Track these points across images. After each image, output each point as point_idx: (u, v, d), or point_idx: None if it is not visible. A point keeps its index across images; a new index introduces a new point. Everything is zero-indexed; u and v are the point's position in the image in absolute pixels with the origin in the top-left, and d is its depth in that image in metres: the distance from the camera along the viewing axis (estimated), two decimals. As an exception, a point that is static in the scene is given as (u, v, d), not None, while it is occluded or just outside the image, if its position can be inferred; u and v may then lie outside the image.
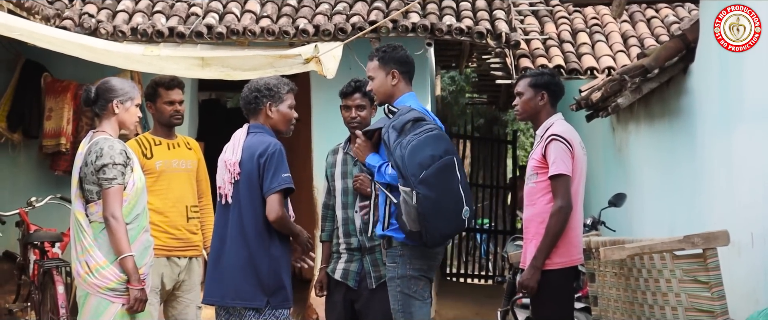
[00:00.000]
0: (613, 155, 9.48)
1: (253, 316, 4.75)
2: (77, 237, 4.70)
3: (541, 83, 5.19)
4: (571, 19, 10.97)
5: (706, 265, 4.72)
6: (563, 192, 4.93)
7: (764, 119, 5.48)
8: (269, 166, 4.72)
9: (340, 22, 8.99)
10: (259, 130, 4.89)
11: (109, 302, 4.63)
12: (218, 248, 4.90)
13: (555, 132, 5.04)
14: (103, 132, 4.75)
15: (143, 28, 8.93)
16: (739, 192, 5.89)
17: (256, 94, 4.91)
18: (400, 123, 4.81)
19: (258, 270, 4.75)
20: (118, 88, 4.80)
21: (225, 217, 4.87)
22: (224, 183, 4.84)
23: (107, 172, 4.59)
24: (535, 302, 5.19)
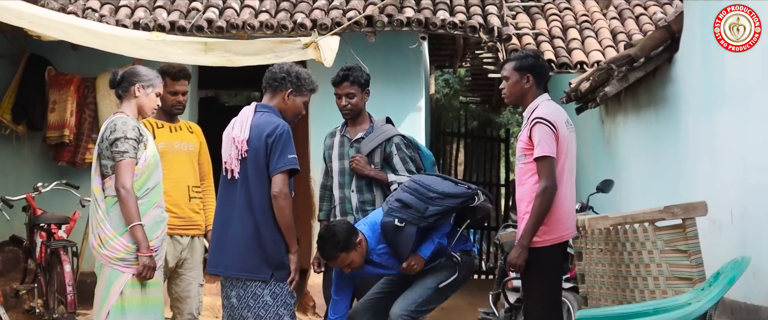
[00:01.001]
0: (603, 148, 9.74)
1: (258, 287, 4.91)
2: (93, 211, 4.99)
3: (526, 65, 5.30)
4: (562, 16, 11.24)
5: (686, 234, 4.98)
6: (548, 173, 5.05)
7: (744, 101, 5.74)
8: (277, 146, 4.88)
9: (336, 16, 9.25)
10: (267, 110, 5.04)
11: (120, 272, 4.89)
12: (223, 221, 5.05)
13: (539, 115, 5.14)
14: (123, 113, 5.02)
15: (145, 22, 9.19)
16: (720, 173, 6.13)
17: (284, 76, 5.08)
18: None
19: (264, 243, 4.91)
20: (142, 74, 5.09)
21: (230, 191, 5.03)
22: (231, 159, 4.99)
23: (119, 145, 4.84)
24: (525, 278, 5.33)
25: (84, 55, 9.25)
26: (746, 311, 5.55)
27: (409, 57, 9.89)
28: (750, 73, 5.63)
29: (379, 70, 9.53)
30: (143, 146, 4.97)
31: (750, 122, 5.61)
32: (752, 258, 5.50)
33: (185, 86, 6.01)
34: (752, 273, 5.51)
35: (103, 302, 4.90)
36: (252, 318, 4.92)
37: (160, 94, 5.15)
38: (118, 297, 4.88)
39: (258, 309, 4.92)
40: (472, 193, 5.25)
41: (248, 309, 4.92)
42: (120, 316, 4.88)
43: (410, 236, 5.10)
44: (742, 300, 5.65)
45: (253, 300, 4.92)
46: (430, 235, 5.18)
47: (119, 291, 4.88)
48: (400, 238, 5.11)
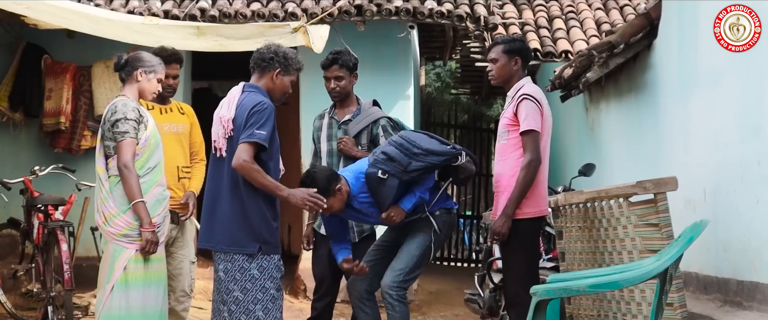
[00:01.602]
0: (586, 134, 9.96)
1: (245, 261, 5.07)
2: (98, 190, 5.22)
3: (515, 48, 5.53)
4: (548, 7, 11.47)
5: (657, 208, 5.20)
6: (533, 147, 5.27)
7: (715, 84, 5.97)
8: (251, 119, 5.01)
9: (327, 5, 9.47)
10: (254, 90, 5.19)
11: (123, 248, 5.13)
12: (213, 197, 5.22)
13: (526, 92, 5.38)
14: (124, 96, 5.27)
15: (139, 11, 9.40)
16: (693, 154, 6.36)
17: (272, 55, 5.23)
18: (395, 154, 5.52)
19: (250, 218, 5.07)
20: (145, 59, 5.34)
21: (219, 169, 5.19)
22: (219, 138, 5.14)
23: (120, 126, 5.07)
24: (505, 252, 5.55)
25: (79, 44, 9.45)
26: (717, 284, 5.78)
27: (398, 46, 10.10)
28: (720, 58, 5.86)
29: (368, 59, 9.73)
30: (144, 127, 5.19)
31: (720, 105, 5.83)
32: (722, 233, 5.75)
33: (176, 70, 6.18)
34: (722, 248, 5.76)
35: (108, 277, 5.13)
36: (238, 290, 5.05)
37: (161, 79, 5.38)
38: (122, 272, 5.10)
39: (245, 282, 5.06)
40: (455, 152, 5.48)
41: (235, 282, 5.06)
42: (124, 290, 5.11)
43: (392, 188, 5.33)
44: (713, 275, 5.88)
45: (240, 273, 5.06)
46: (412, 189, 5.42)
47: (123, 266, 5.10)
48: (382, 189, 5.35)
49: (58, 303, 7.23)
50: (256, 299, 5.07)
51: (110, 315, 5.11)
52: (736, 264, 5.51)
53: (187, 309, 6.20)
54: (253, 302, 5.07)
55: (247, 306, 5.07)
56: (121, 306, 5.11)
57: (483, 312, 7.55)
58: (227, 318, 5.08)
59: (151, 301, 5.24)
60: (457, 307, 9.70)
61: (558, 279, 4.56)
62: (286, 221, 12.63)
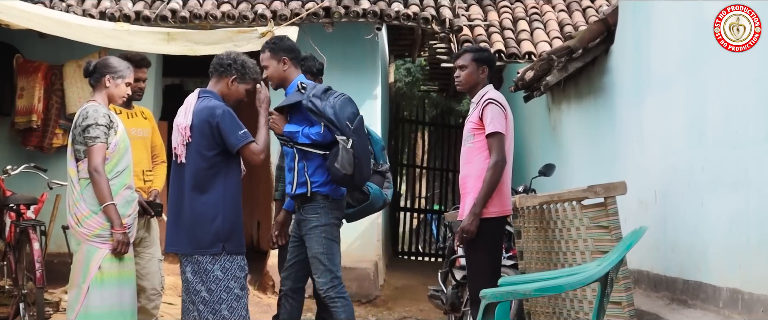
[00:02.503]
0: (549, 134, 10.21)
1: (209, 262, 5.29)
2: (69, 192, 5.39)
3: (483, 58, 5.76)
4: (513, 8, 11.72)
5: (607, 211, 5.45)
6: (499, 148, 5.48)
7: (664, 90, 6.23)
8: (223, 127, 5.24)
9: (296, 7, 9.66)
10: (209, 95, 5.40)
11: (97, 248, 5.30)
12: (176, 202, 5.42)
13: (491, 97, 5.59)
14: (94, 101, 5.44)
15: (111, 12, 9.54)
16: (646, 157, 6.62)
17: (230, 62, 5.43)
18: (319, 92, 5.53)
19: (213, 220, 5.29)
20: (113, 65, 5.49)
21: (180, 175, 5.40)
22: (178, 145, 5.36)
23: (91, 131, 5.25)
24: (469, 251, 5.75)
25: (51, 43, 9.57)
26: (666, 283, 6.05)
27: (365, 47, 10.30)
28: (670, 63, 6.12)
29: (336, 60, 9.97)
30: (114, 132, 5.37)
31: (670, 109, 6.09)
32: (670, 234, 6.02)
33: (145, 74, 6.34)
34: (671, 249, 6.03)
35: (83, 277, 5.30)
36: (204, 291, 5.28)
37: (129, 83, 5.55)
38: (97, 271, 5.28)
39: (209, 282, 5.28)
40: (344, 133, 5.44)
41: (201, 283, 5.28)
42: (99, 289, 5.29)
43: (294, 101, 5.52)
44: (662, 274, 6.15)
45: (205, 274, 5.28)
46: (304, 126, 5.52)
47: (97, 265, 5.28)
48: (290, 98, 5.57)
49: (29, 300, 7.37)
50: (221, 299, 5.29)
51: (87, 314, 5.28)
52: (682, 264, 5.77)
53: (158, 306, 6.36)
54: (218, 302, 5.28)
55: (213, 306, 5.28)
56: (98, 305, 5.29)
57: (446, 308, 7.75)
58: (197, 317, 5.30)
59: (126, 299, 5.44)
60: (422, 302, 9.91)
61: (506, 282, 4.79)
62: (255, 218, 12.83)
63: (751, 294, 4.68)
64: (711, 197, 5.31)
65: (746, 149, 4.81)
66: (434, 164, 16.89)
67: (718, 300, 5.11)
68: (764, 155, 4.60)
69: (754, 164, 4.72)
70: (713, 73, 5.33)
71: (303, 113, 5.53)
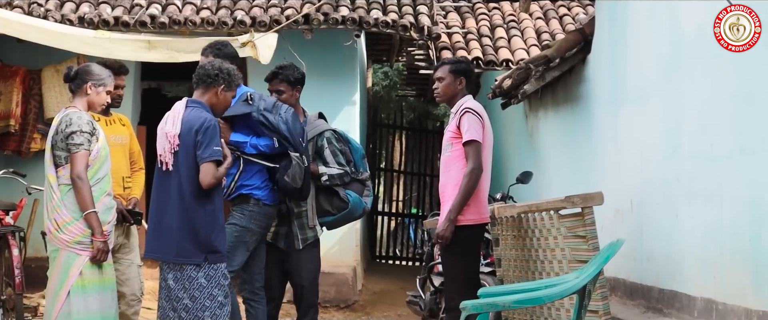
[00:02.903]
0: (526, 141, 10.30)
1: (193, 270, 5.31)
2: (48, 198, 5.38)
3: (460, 69, 5.85)
4: (490, 16, 11.81)
5: (584, 221, 5.52)
6: (475, 156, 5.56)
7: (640, 102, 6.32)
8: (204, 139, 5.29)
9: (275, 14, 9.69)
10: (198, 105, 5.43)
11: (77, 255, 5.31)
12: (159, 209, 5.43)
13: (468, 106, 5.68)
14: (74, 107, 5.44)
15: (90, 17, 9.53)
16: (622, 166, 6.71)
17: (217, 73, 5.46)
18: (269, 105, 5.73)
19: (197, 229, 5.31)
20: (95, 73, 5.50)
21: (165, 182, 5.41)
22: (165, 152, 5.37)
23: (75, 138, 5.26)
24: (446, 258, 5.81)
25: (29, 48, 9.55)
26: (642, 291, 6.14)
27: (344, 53, 10.35)
28: (646, 75, 6.22)
29: (315, 66, 10.03)
30: (96, 139, 5.39)
31: (646, 120, 6.18)
32: (646, 243, 6.11)
33: (124, 81, 6.38)
34: (647, 258, 6.12)
35: (61, 283, 5.30)
36: (187, 298, 5.29)
37: (110, 92, 5.57)
38: (78, 277, 5.29)
39: (193, 290, 5.29)
40: (296, 150, 5.72)
41: (184, 291, 5.29)
42: (81, 295, 5.30)
43: (241, 110, 5.71)
44: (638, 282, 6.24)
45: (188, 282, 5.30)
46: (251, 136, 5.73)
47: (78, 272, 5.28)
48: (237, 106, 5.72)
49: (8, 305, 7.37)
50: (204, 306, 5.32)
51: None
52: (658, 273, 5.86)
53: (138, 312, 6.39)
54: (201, 309, 5.31)
55: (195, 313, 5.30)
56: (80, 311, 5.30)
57: (424, 313, 7.83)
58: None
59: (107, 305, 5.45)
60: (401, 307, 9.97)
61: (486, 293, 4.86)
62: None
63: (724, 304, 4.77)
64: (686, 208, 5.41)
65: (721, 162, 4.91)
66: (411, 168, 16.98)
67: (693, 309, 5.20)
68: (738, 168, 4.69)
69: (728, 177, 4.81)
70: (689, 87, 5.42)
71: (249, 124, 5.73)
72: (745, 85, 4.66)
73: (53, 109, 9.61)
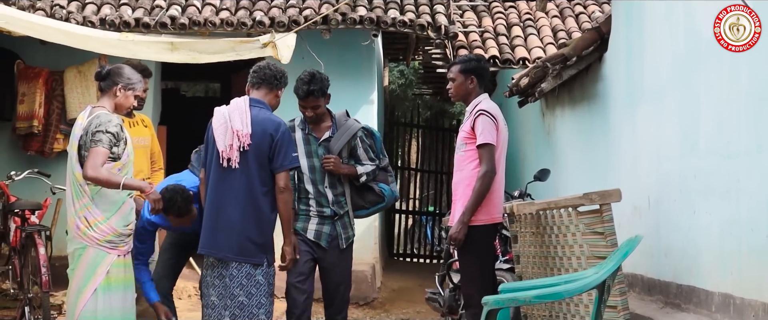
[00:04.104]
0: (543, 138, 10.37)
1: (251, 268, 5.42)
2: (76, 196, 5.42)
3: (470, 68, 5.93)
4: (507, 14, 11.88)
5: (602, 218, 5.60)
6: (489, 159, 5.67)
7: (657, 100, 6.38)
8: (282, 145, 5.44)
9: (293, 14, 9.80)
10: (263, 106, 5.55)
11: (106, 253, 5.40)
12: (217, 206, 5.50)
13: (483, 108, 5.77)
14: (102, 107, 5.49)
15: (111, 19, 9.66)
16: (640, 163, 6.77)
17: (281, 75, 5.64)
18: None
19: (263, 230, 5.46)
20: (126, 75, 5.55)
21: (227, 180, 5.47)
22: (231, 149, 5.44)
23: (97, 135, 5.31)
24: (461, 256, 5.94)
25: (52, 49, 9.69)
26: (660, 287, 6.20)
27: (362, 53, 10.45)
28: (662, 73, 6.28)
29: (333, 65, 10.12)
30: (123, 143, 5.44)
31: (663, 118, 6.24)
32: (664, 239, 6.18)
33: (147, 84, 6.48)
34: (664, 254, 6.19)
35: (87, 280, 5.38)
36: (244, 295, 5.42)
37: (137, 95, 5.66)
38: (105, 276, 5.38)
39: (250, 287, 5.43)
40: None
41: (241, 288, 5.42)
42: (106, 293, 5.39)
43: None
44: (656, 278, 6.30)
45: (247, 279, 5.43)
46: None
47: (106, 270, 5.37)
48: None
49: (35, 303, 7.50)
50: (260, 304, 5.45)
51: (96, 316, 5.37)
52: (676, 269, 5.93)
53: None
54: (256, 306, 5.45)
55: (251, 310, 5.43)
56: (105, 308, 5.39)
57: (443, 310, 7.90)
58: None
59: (129, 303, 5.56)
60: (419, 304, 10.06)
61: (508, 288, 4.95)
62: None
63: (742, 299, 4.84)
64: (703, 204, 5.47)
65: (738, 159, 4.97)
66: (428, 166, 17.05)
67: (710, 304, 5.27)
68: (755, 164, 4.76)
69: (745, 173, 4.88)
70: (705, 85, 5.48)
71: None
72: (761, 83, 4.73)
73: (76, 109, 9.74)
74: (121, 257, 5.43)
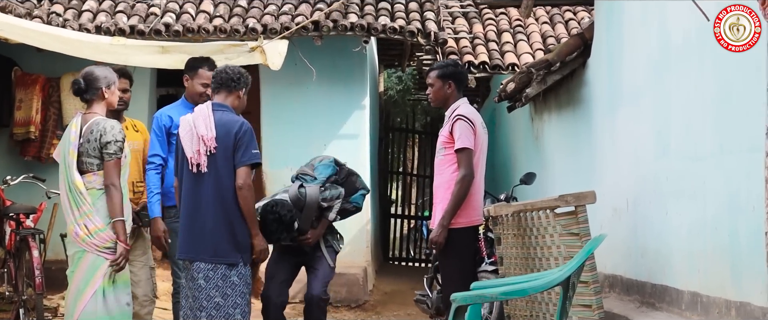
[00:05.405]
0: (532, 143, 10.52)
1: (226, 269, 5.51)
2: (75, 203, 5.48)
3: (448, 73, 6.02)
4: (497, 21, 12.03)
5: (578, 219, 5.74)
6: (467, 163, 5.77)
7: (634, 104, 6.54)
8: (242, 142, 5.50)
9: (285, 21, 9.97)
10: (225, 109, 5.63)
11: (105, 259, 5.48)
12: (192, 210, 5.60)
13: (461, 113, 5.87)
14: (95, 114, 5.54)
15: (106, 26, 9.84)
16: (619, 166, 6.92)
17: (239, 76, 5.69)
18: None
19: (235, 230, 5.52)
20: (102, 76, 5.59)
21: (197, 183, 5.56)
22: (199, 154, 5.53)
23: (109, 147, 5.39)
24: (441, 258, 6.07)
25: (48, 56, 9.84)
26: (637, 287, 6.35)
27: (353, 59, 10.60)
28: (639, 78, 6.44)
29: (325, 71, 10.31)
30: (125, 146, 5.56)
31: (640, 122, 6.39)
32: (640, 240, 6.33)
33: (126, 84, 6.49)
34: (640, 254, 6.34)
35: (86, 284, 5.46)
36: (219, 297, 5.50)
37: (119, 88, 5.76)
38: (107, 277, 5.46)
39: (225, 288, 5.51)
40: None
41: (216, 289, 5.51)
42: (103, 296, 5.48)
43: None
44: (634, 278, 6.45)
45: (222, 280, 5.51)
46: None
47: (103, 274, 5.45)
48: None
49: (29, 305, 7.65)
50: (235, 304, 5.53)
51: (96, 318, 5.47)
52: (651, 269, 6.08)
53: (151, 312, 6.62)
54: (232, 307, 5.52)
55: (226, 310, 5.52)
56: (104, 309, 5.48)
57: (431, 312, 8.04)
58: None
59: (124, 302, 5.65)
60: (410, 307, 10.18)
61: (477, 286, 5.09)
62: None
63: (708, 297, 4.99)
64: (674, 205, 5.62)
65: (704, 162, 5.12)
66: (425, 171, 17.20)
67: (680, 302, 5.41)
68: (719, 166, 4.91)
69: (710, 175, 5.03)
70: (676, 90, 5.64)
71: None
72: (724, 87, 4.88)
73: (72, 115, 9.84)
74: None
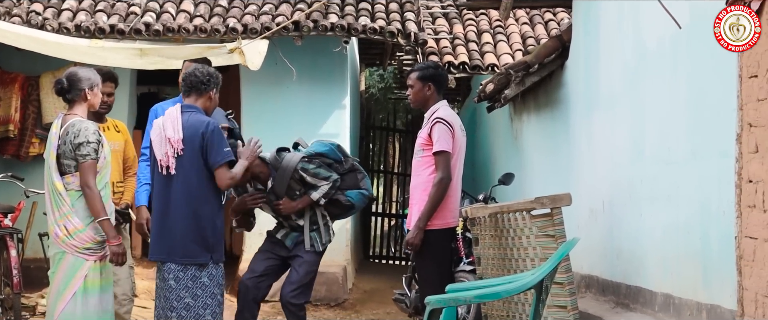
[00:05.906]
0: (511, 143, 10.58)
1: (196, 270, 5.56)
2: (55, 204, 5.50)
3: (428, 75, 6.06)
4: (477, 21, 12.09)
5: (553, 221, 5.79)
6: (444, 166, 5.81)
7: (610, 107, 6.61)
8: (211, 142, 5.52)
9: (266, 21, 9.98)
10: (194, 110, 5.65)
11: (84, 259, 5.50)
12: (162, 212, 5.66)
13: (439, 116, 5.90)
14: (75, 115, 5.55)
15: (86, 25, 9.81)
16: (596, 168, 6.99)
17: (208, 77, 5.72)
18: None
19: (203, 231, 5.57)
20: (85, 77, 5.60)
21: (167, 185, 5.62)
22: (167, 157, 5.58)
23: (82, 149, 5.41)
24: (418, 259, 6.12)
25: (28, 55, 9.81)
26: (612, 287, 6.42)
27: (334, 59, 10.62)
28: (615, 82, 6.50)
29: (306, 71, 10.34)
30: (102, 147, 5.53)
31: (615, 125, 6.46)
32: (616, 241, 6.40)
33: (111, 88, 6.56)
34: (616, 256, 6.41)
35: (66, 285, 5.48)
36: (189, 297, 5.54)
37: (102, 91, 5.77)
38: (83, 280, 5.47)
39: (196, 289, 5.56)
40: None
41: (186, 290, 5.55)
42: (83, 297, 5.49)
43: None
44: (609, 279, 6.52)
45: (192, 281, 5.55)
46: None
47: (84, 275, 5.47)
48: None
49: (7, 304, 7.65)
50: (205, 304, 5.58)
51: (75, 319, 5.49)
52: (626, 271, 6.15)
53: (129, 311, 6.67)
54: (202, 307, 5.57)
55: (197, 311, 5.56)
56: (81, 311, 5.50)
57: (409, 311, 8.09)
58: None
59: (106, 305, 5.67)
60: (390, 305, 10.21)
61: (452, 289, 5.14)
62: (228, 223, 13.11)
63: (680, 299, 5.06)
64: (649, 208, 5.69)
65: (677, 166, 5.19)
66: (406, 169, 17.21)
67: (654, 304, 5.48)
68: (691, 171, 4.98)
69: (683, 180, 5.10)
70: (651, 95, 5.71)
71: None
72: (696, 93, 4.95)
73: (51, 114, 9.88)
74: (98, 262, 5.56)
